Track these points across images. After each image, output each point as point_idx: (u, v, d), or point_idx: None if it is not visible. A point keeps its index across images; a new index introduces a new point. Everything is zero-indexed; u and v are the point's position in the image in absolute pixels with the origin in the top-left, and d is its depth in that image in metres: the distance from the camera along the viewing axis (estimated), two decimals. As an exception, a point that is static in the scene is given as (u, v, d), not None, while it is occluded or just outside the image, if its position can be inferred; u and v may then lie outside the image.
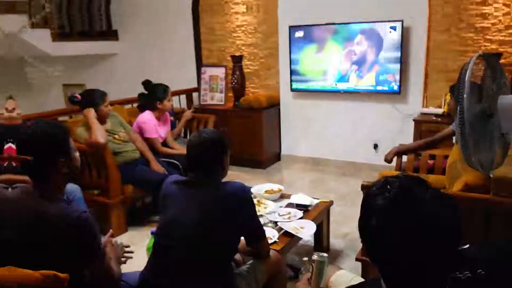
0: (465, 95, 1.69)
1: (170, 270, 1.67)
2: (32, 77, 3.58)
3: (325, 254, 1.40)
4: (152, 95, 3.69)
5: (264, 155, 4.93)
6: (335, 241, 3.09)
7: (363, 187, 2.20)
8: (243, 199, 1.74)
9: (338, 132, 4.78)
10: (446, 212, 0.90)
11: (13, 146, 2.77)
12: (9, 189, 1.46)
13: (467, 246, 1.04)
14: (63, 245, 1.36)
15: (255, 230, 1.81)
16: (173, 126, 4.05)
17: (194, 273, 1.65)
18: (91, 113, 3.17)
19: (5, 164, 1.70)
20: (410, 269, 0.90)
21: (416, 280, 0.91)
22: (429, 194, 0.91)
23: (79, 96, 3.33)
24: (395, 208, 0.90)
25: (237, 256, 1.95)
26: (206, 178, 1.76)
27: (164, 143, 3.76)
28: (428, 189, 0.93)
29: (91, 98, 3.25)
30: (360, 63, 4.42)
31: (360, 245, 2.58)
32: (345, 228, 3.27)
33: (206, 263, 1.67)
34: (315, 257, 1.37)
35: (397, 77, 4.23)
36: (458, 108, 1.71)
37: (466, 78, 1.69)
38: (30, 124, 1.54)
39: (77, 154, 1.56)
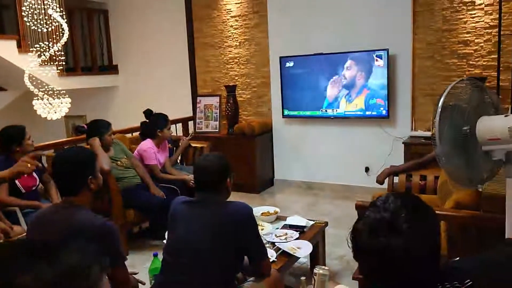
0: (436, 117, 1.81)
1: (178, 285, 1.74)
2: (39, 109, 3.84)
3: (327, 268, 1.46)
4: (153, 124, 3.88)
5: (257, 180, 5.01)
6: (331, 263, 3.13)
7: (358, 207, 2.27)
8: (247, 218, 1.84)
9: (330, 156, 4.89)
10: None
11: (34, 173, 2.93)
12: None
13: (458, 259, 1.13)
14: None
15: (258, 247, 1.89)
16: (170, 153, 4.18)
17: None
18: (96, 141, 3.34)
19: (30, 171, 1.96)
20: (406, 281, 0.98)
21: None
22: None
23: (85, 126, 3.54)
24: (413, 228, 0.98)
25: (239, 274, 2.01)
26: (212, 198, 1.87)
27: (163, 169, 3.88)
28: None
29: (97, 128, 3.46)
30: (349, 87, 4.58)
31: (356, 266, 2.63)
32: (341, 250, 3.31)
33: (211, 278, 1.74)
34: (317, 270, 1.43)
35: (385, 102, 4.39)
36: (432, 128, 1.85)
37: (440, 103, 1.82)
38: (65, 149, 1.86)
39: (99, 174, 1.84)
